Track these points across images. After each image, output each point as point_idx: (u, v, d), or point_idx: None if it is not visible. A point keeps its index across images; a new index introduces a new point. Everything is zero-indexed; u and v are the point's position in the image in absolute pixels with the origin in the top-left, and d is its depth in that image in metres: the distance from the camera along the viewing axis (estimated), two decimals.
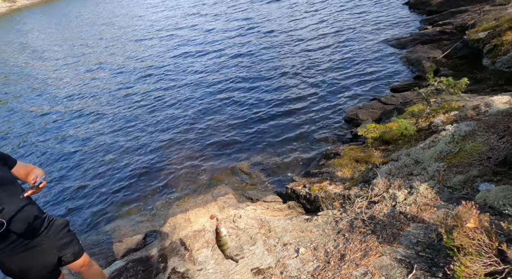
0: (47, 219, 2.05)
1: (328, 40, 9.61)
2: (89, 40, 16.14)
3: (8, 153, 2.07)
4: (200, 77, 9.08)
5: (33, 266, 1.96)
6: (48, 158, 6.86)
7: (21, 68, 13.98)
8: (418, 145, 2.71)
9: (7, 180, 1.86)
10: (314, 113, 6.54)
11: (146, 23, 16.64)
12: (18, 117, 9.22)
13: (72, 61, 13.42)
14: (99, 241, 4.76)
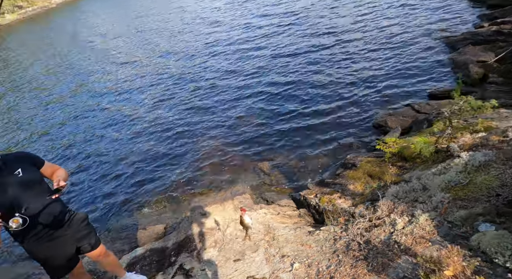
0: (69, 213, 2.32)
1: (369, 37, 9.15)
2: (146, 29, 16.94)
3: (37, 153, 2.36)
4: (236, 72, 9.16)
5: (55, 254, 2.26)
6: (88, 144, 7.53)
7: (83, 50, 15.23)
8: (432, 168, 2.59)
9: (35, 179, 2.12)
10: (343, 116, 6.38)
11: (191, 15, 17.04)
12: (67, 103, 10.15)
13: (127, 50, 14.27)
14: (127, 225, 5.20)
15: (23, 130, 9.06)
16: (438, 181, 2.26)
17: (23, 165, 2.08)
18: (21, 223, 1.88)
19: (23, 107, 10.75)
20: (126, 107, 8.82)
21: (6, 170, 1.98)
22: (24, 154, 2.22)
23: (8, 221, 1.83)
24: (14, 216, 1.87)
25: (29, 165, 2.13)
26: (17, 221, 1.86)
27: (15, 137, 8.80)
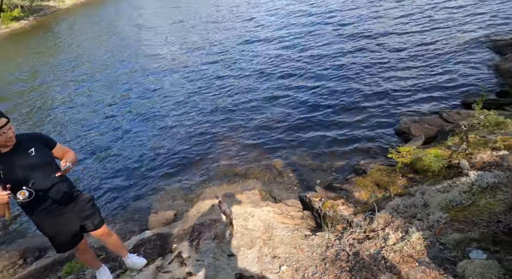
0: (76, 193, 2.50)
1: (406, 38, 8.67)
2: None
3: (48, 134, 2.53)
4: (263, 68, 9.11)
5: (61, 230, 2.45)
6: (117, 129, 7.95)
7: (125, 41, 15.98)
8: (438, 185, 2.45)
9: (46, 159, 2.29)
10: (365, 119, 6.16)
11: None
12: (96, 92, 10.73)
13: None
14: (141, 208, 5.47)
15: (49, 115, 9.75)
16: (440, 199, 2.14)
17: (37, 145, 2.26)
18: (27, 195, 2.06)
19: (53, 91, 11.54)
20: (157, 97, 9.16)
21: (20, 148, 2.16)
22: (38, 135, 2.40)
23: (16, 193, 2.01)
24: (22, 189, 2.05)
25: (42, 146, 2.30)
26: (24, 193, 2.04)
27: (42, 119, 9.49)
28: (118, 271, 3.18)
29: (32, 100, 11.17)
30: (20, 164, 2.13)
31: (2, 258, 4.50)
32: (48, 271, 3.82)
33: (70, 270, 3.46)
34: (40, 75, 13.64)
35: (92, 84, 11.32)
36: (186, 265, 2.89)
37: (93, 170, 6.55)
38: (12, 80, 13.68)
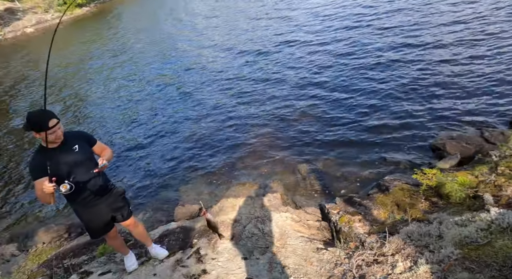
0: (110, 186, 2.79)
1: (458, 41, 8.08)
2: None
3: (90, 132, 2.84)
4: (301, 72, 9.01)
5: (95, 219, 2.77)
6: (155, 122, 8.44)
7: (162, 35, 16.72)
8: (457, 216, 2.37)
9: (86, 155, 2.58)
10: (400, 131, 5.91)
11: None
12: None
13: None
14: (170, 199, 5.83)
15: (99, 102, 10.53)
16: (455, 233, 2.09)
17: (80, 142, 2.56)
18: (68, 188, 2.37)
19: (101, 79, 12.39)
20: (193, 89, 9.54)
21: (67, 144, 2.47)
22: (82, 133, 2.71)
23: (59, 186, 2.32)
24: (64, 182, 2.35)
25: (84, 143, 2.60)
26: (66, 186, 2.35)
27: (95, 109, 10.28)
28: (143, 258, 3.49)
29: (74, 87, 12.15)
30: (65, 159, 2.44)
31: (51, 231, 5.10)
32: (85, 249, 4.27)
33: (103, 251, 3.86)
34: (87, 62, 14.74)
35: (135, 73, 12.04)
36: (202, 263, 3.10)
37: (129, 159, 7.06)
38: (66, 65, 14.94)
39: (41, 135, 2.25)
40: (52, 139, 2.32)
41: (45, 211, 5.98)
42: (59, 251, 4.21)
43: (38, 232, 4.95)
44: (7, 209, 6.29)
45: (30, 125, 2.23)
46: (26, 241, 4.86)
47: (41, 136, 2.26)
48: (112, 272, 3.27)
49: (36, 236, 4.87)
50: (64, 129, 2.43)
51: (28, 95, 12.63)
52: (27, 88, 13.44)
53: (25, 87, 13.63)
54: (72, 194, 2.48)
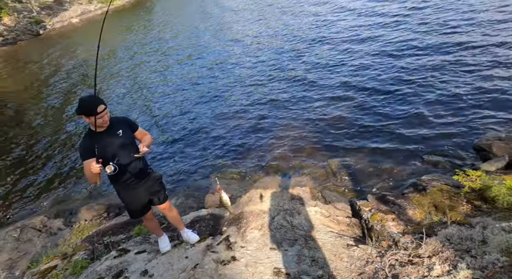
0: (148, 171, 2.94)
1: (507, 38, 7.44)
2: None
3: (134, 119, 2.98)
4: (336, 67, 8.77)
5: (134, 201, 2.93)
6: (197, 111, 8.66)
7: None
8: (506, 222, 2.22)
9: (129, 140, 2.73)
10: (441, 129, 5.61)
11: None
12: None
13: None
14: (201, 186, 6.02)
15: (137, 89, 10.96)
16: (501, 239, 1.96)
17: (124, 127, 2.71)
18: (113, 170, 2.53)
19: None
20: (227, 84, 9.65)
21: (112, 129, 2.62)
22: (125, 119, 2.85)
23: (105, 167, 2.48)
24: (109, 164, 2.51)
25: (127, 128, 2.75)
26: (110, 168, 2.52)
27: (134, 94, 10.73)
28: (175, 241, 3.65)
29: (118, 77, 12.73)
30: (110, 143, 2.59)
31: (92, 209, 5.48)
32: (123, 229, 4.55)
33: (139, 231, 4.09)
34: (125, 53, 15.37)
35: (171, 65, 12.39)
36: (231, 250, 3.19)
37: (165, 148, 7.35)
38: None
39: (90, 120, 2.43)
40: (100, 123, 2.48)
41: (88, 191, 6.44)
42: (100, 228, 4.52)
43: (81, 209, 5.35)
44: (55, 187, 6.85)
45: (81, 110, 2.40)
46: (71, 218, 5.27)
47: (90, 121, 2.43)
48: (147, 251, 3.46)
49: (79, 213, 5.26)
50: (110, 115, 2.58)
51: (72, 81, 13.49)
52: (70, 75, 14.35)
53: (67, 74, 14.55)
54: (115, 175, 2.64)
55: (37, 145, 8.96)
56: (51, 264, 3.57)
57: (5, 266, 3.94)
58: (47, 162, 7.96)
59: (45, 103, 11.91)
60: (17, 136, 9.70)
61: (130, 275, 2.96)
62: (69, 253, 3.74)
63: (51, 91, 13.01)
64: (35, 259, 3.90)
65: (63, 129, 9.60)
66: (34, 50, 21.00)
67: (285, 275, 2.60)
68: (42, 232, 4.69)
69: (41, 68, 16.65)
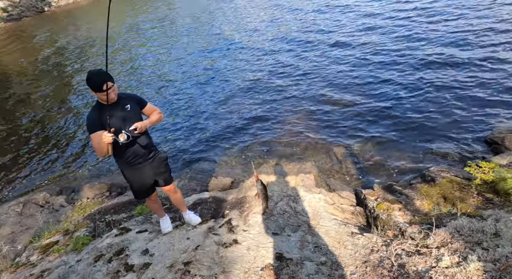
0: (154, 152, 2.87)
1: None
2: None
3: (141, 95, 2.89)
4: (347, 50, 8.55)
5: (138, 180, 2.87)
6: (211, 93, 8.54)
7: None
8: None
9: (136, 115, 2.65)
10: (452, 119, 5.47)
11: None
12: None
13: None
14: (204, 170, 5.97)
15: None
16: None
17: (132, 103, 2.64)
18: (126, 138, 2.48)
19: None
20: (235, 68, 9.47)
21: (120, 103, 2.56)
22: (133, 95, 2.77)
23: (117, 135, 2.41)
24: (121, 132, 2.45)
25: (135, 104, 2.68)
26: (124, 136, 2.47)
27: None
28: (177, 222, 3.63)
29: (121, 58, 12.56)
30: (119, 115, 2.52)
31: (94, 188, 5.48)
32: (124, 208, 4.54)
33: (141, 211, 4.07)
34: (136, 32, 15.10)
35: (177, 47, 12.17)
36: (233, 233, 3.15)
37: (171, 130, 7.27)
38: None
39: (97, 94, 2.36)
40: (105, 100, 2.40)
41: (90, 169, 6.43)
42: (102, 206, 4.52)
43: (84, 187, 5.34)
44: (58, 164, 6.85)
45: (89, 84, 2.34)
46: (73, 195, 5.28)
47: (97, 95, 2.37)
48: (148, 231, 3.44)
49: (82, 191, 5.26)
50: (118, 91, 2.52)
51: (78, 57, 13.35)
52: (76, 51, 14.18)
53: (72, 50, 14.39)
54: (120, 151, 2.58)
55: (42, 119, 8.94)
56: (53, 239, 3.57)
57: (8, 239, 3.96)
58: (51, 138, 7.95)
59: (50, 79, 11.84)
60: (22, 111, 9.69)
61: (131, 253, 2.94)
62: (70, 230, 3.74)
63: (56, 67, 12.92)
64: (37, 233, 3.91)
65: (68, 105, 9.56)
66: (39, 26, 20.75)
67: (287, 260, 2.55)
68: (45, 208, 4.70)
69: (46, 44, 16.48)
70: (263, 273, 2.41)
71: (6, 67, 14.44)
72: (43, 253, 3.35)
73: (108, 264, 2.80)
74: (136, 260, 2.82)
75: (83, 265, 2.83)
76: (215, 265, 2.60)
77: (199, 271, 2.52)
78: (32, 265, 3.16)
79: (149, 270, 2.66)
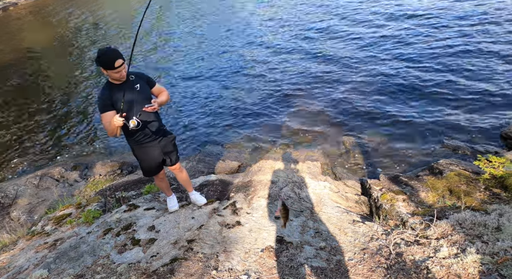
0: (163, 131, 2.93)
1: None
2: None
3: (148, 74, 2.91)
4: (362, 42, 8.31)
5: (147, 158, 2.95)
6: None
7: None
8: None
9: (146, 96, 2.69)
10: (466, 112, 5.33)
11: None
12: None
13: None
14: (212, 153, 6.05)
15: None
16: None
17: (141, 82, 2.67)
18: (136, 124, 2.52)
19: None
20: (249, 57, 9.35)
21: (130, 83, 2.58)
22: (143, 74, 2.77)
23: (128, 121, 2.47)
24: (132, 118, 2.50)
25: (144, 83, 2.70)
26: (134, 122, 2.50)
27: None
28: (183, 202, 3.74)
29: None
30: (129, 95, 2.55)
31: (106, 165, 5.66)
32: (134, 186, 4.69)
33: (149, 189, 4.20)
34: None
35: (198, 31, 12.07)
36: (237, 215, 3.23)
37: (182, 111, 7.35)
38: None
39: (107, 73, 2.39)
40: (117, 77, 2.44)
41: (103, 148, 6.62)
42: (113, 183, 4.68)
43: (96, 164, 5.53)
44: (73, 141, 7.07)
45: (99, 62, 2.36)
46: (86, 171, 5.47)
47: (108, 74, 2.40)
48: (155, 209, 3.56)
49: (94, 168, 5.44)
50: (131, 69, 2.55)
51: (101, 35, 13.47)
52: (98, 30, 14.30)
53: (94, 28, 14.50)
54: (131, 131, 2.64)
55: (62, 96, 9.18)
56: (66, 211, 3.75)
57: (25, 210, 4.18)
58: (68, 114, 8.18)
59: (70, 56, 12.03)
60: (45, 88, 9.94)
61: (138, 228, 3.07)
62: (83, 203, 3.90)
63: (77, 44, 13.08)
64: (52, 205, 4.11)
65: (87, 82, 9.75)
66: (63, 4, 20.84)
67: (287, 243, 2.61)
68: (60, 182, 4.90)
69: (70, 22, 16.62)
70: (262, 254, 2.48)
71: (30, 44, 14.71)
72: (57, 224, 3.53)
73: (116, 238, 2.94)
74: (143, 235, 2.94)
75: (93, 237, 2.97)
76: (217, 244, 2.69)
77: (202, 249, 2.61)
78: (46, 234, 3.34)
79: (154, 245, 2.78)
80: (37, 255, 2.85)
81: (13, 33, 16.75)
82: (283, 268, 2.27)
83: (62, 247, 2.85)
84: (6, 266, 2.77)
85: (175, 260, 2.46)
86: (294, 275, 2.19)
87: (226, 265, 2.35)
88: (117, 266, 2.49)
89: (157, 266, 2.42)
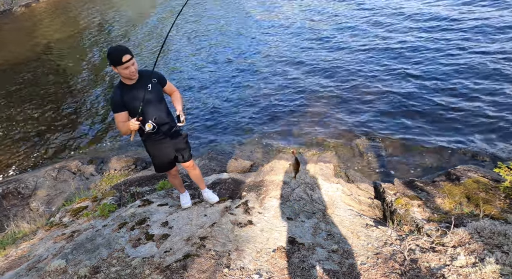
0: (175, 129, 2.97)
1: None
2: None
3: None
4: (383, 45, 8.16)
5: (160, 155, 3.00)
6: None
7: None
8: None
9: (158, 95, 2.72)
10: (487, 118, 5.16)
11: None
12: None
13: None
14: (225, 151, 6.10)
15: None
16: None
17: (153, 81, 2.68)
18: (151, 128, 2.57)
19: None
20: (262, 57, 9.34)
21: (141, 82, 2.59)
22: (155, 72, 2.74)
23: (144, 125, 2.52)
24: (148, 122, 2.54)
25: (156, 82, 2.71)
26: (150, 126, 2.55)
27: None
28: (195, 199, 3.78)
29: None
30: (140, 96, 2.58)
31: (121, 160, 5.79)
32: (148, 181, 4.78)
33: (163, 186, 4.26)
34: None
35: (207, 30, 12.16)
36: (249, 214, 3.24)
37: (195, 111, 7.42)
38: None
39: (118, 70, 2.41)
40: (127, 74, 2.44)
41: (118, 143, 6.76)
42: (127, 178, 4.77)
43: (112, 159, 5.65)
44: (90, 135, 7.25)
45: (108, 59, 2.39)
46: (102, 166, 5.60)
47: (118, 71, 2.42)
48: (169, 205, 3.62)
49: (110, 163, 5.57)
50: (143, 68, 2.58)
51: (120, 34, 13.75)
52: (122, 26, 14.58)
53: (121, 24, 14.79)
54: (152, 133, 2.68)
55: (80, 91, 9.42)
56: (83, 204, 3.86)
57: (44, 201, 4.31)
58: (85, 109, 8.39)
59: (91, 52, 12.32)
60: (64, 83, 10.22)
61: (151, 224, 3.13)
62: (98, 197, 4.00)
63: (98, 40, 13.37)
64: (69, 198, 4.23)
65: (104, 79, 9.97)
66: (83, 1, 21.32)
67: (299, 244, 2.61)
68: (77, 175, 5.04)
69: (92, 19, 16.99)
70: (274, 254, 2.48)
71: (50, 39, 15.14)
72: (74, 216, 3.63)
73: (131, 232, 3.00)
74: (156, 231, 2.99)
75: (109, 230, 3.04)
76: (229, 243, 2.71)
77: (214, 246, 2.64)
78: (64, 225, 3.44)
79: (167, 241, 2.83)
80: (55, 245, 2.94)
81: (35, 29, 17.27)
82: (294, 269, 2.27)
83: (79, 238, 2.93)
84: (27, 255, 2.87)
85: (188, 256, 2.50)
86: (306, 276, 2.18)
87: (238, 264, 2.36)
88: (132, 259, 2.54)
89: (170, 262, 2.46)
